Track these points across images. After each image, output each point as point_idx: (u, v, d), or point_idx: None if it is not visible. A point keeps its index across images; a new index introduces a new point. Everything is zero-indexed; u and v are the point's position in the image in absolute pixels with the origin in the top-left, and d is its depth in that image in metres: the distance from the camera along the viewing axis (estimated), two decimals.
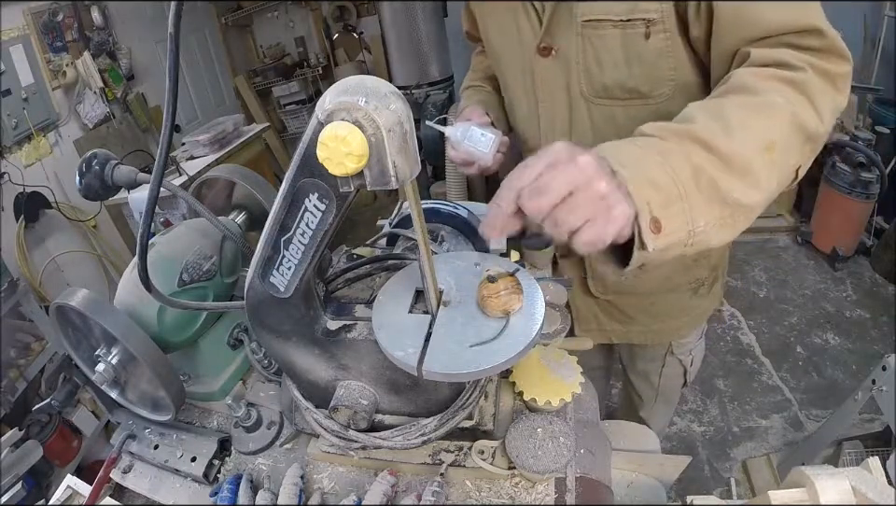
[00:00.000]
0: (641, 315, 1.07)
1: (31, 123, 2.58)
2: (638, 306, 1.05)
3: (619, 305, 1.06)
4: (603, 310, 1.08)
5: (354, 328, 0.60)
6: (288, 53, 4.68)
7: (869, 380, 1.31)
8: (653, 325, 1.08)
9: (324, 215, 0.48)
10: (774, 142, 0.58)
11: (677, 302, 1.05)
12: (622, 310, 1.06)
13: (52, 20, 2.77)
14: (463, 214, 0.83)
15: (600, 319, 1.10)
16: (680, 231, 0.55)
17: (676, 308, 1.06)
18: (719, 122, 0.58)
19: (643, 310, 1.06)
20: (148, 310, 0.74)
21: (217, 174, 0.92)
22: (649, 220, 0.53)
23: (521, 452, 0.62)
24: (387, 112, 0.41)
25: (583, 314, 1.10)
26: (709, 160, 0.56)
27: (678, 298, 1.04)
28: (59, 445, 2.06)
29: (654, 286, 1.01)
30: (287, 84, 4.49)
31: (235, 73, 4.41)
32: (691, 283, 1.03)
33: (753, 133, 0.58)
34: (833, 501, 0.46)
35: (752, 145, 0.57)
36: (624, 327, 1.09)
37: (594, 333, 1.11)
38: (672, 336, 1.13)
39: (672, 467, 0.82)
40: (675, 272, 0.99)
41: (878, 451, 1.43)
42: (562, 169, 0.51)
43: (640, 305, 1.05)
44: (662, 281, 1.00)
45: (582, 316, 1.10)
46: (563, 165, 0.51)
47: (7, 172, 2.41)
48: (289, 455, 0.76)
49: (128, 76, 3.26)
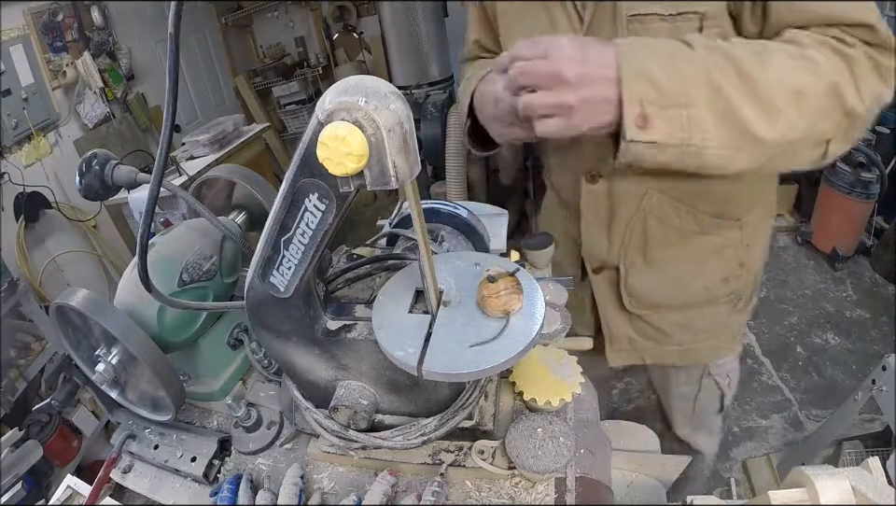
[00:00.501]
0: (678, 331, 1.00)
1: (31, 123, 2.58)
2: (675, 322, 0.99)
3: (654, 322, 1.00)
4: (636, 329, 1.02)
5: (354, 328, 0.60)
6: (288, 53, 4.68)
7: (869, 380, 1.31)
8: (691, 343, 1.01)
9: (324, 215, 0.48)
10: (805, 91, 0.60)
11: (716, 318, 0.99)
12: (657, 327, 1.00)
13: (52, 20, 2.77)
14: (463, 214, 0.83)
15: (633, 338, 1.03)
16: (671, 136, 0.59)
17: (715, 324, 1.00)
18: (756, 54, 0.60)
19: (680, 326, 0.99)
20: (148, 310, 0.74)
21: (217, 174, 0.92)
22: (636, 114, 0.58)
23: (521, 452, 0.62)
24: (387, 112, 0.41)
25: (616, 333, 1.03)
26: (733, 80, 0.58)
27: (716, 312, 0.99)
28: (59, 445, 2.06)
29: (692, 297, 0.96)
30: (286, 84, 4.49)
31: (235, 73, 4.41)
32: (729, 294, 0.97)
33: (787, 73, 0.59)
34: (833, 501, 0.46)
35: (783, 83, 0.59)
36: (659, 346, 1.02)
37: (626, 354, 1.05)
38: (710, 356, 1.06)
39: (672, 467, 0.82)
40: (714, 282, 0.94)
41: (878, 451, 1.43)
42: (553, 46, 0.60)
43: (677, 321, 0.99)
44: (700, 292, 0.95)
45: (615, 336, 1.04)
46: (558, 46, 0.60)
47: (6, 172, 2.41)
48: (289, 455, 0.76)
49: (128, 76, 3.26)
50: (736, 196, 0.88)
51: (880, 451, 1.42)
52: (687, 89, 0.58)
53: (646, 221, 0.89)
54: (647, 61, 0.60)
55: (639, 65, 0.59)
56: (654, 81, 0.58)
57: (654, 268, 0.92)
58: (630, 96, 0.58)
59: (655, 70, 0.58)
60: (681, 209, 0.87)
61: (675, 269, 0.92)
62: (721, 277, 0.94)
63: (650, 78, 0.58)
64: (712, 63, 0.59)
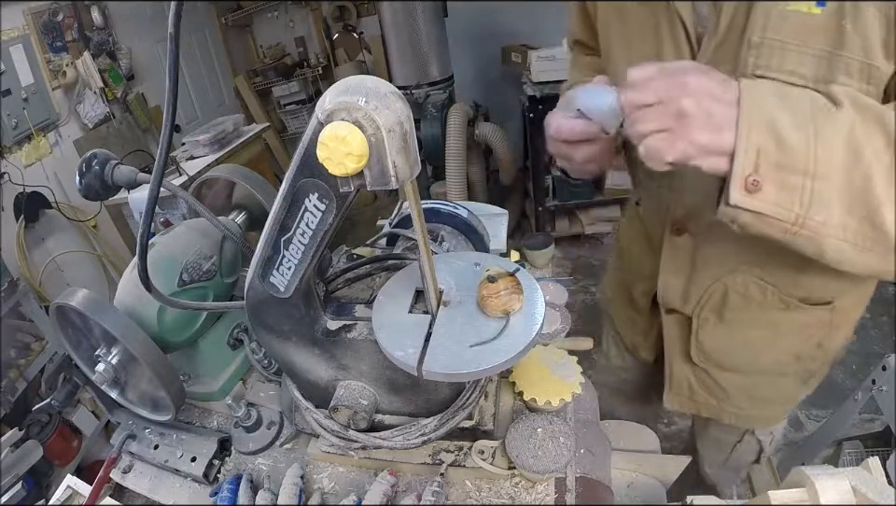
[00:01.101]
0: (739, 395, 0.94)
1: (31, 123, 2.58)
2: (738, 385, 0.92)
3: (717, 379, 0.93)
4: (699, 380, 0.95)
5: (354, 328, 0.60)
6: (288, 53, 4.67)
7: (869, 380, 1.31)
8: (750, 410, 0.95)
9: (324, 215, 0.48)
10: None
11: (782, 390, 0.92)
12: (719, 384, 0.93)
13: (52, 20, 2.77)
14: (463, 214, 0.83)
15: (693, 389, 0.97)
16: (784, 210, 0.47)
17: (779, 396, 0.94)
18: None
19: (743, 390, 0.93)
20: (148, 310, 0.74)
21: (217, 174, 0.92)
22: (747, 173, 0.46)
23: (521, 452, 0.62)
24: (387, 112, 0.41)
25: (677, 378, 0.98)
26: (883, 157, 0.45)
27: (784, 385, 0.91)
28: (59, 445, 2.06)
29: (760, 367, 0.89)
30: (286, 84, 4.49)
31: (235, 73, 4.41)
32: (802, 373, 0.90)
33: None
34: (833, 501, 0.46)
35: None
36: (718, 403, 0.96)
37: (684, 401, 0.99)
38: (765, 423, 1.01)
39: (672, 467, 0.82)
40: (787, 357, 0.87)
41: (878, 451, 1.43)
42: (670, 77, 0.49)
43: (740, 384, 0.92)
44: (770, 363, 0.88)
45: (675, 381, 0.98)
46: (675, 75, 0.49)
47: (7, 172, 2.41)
48: (289, 455, 0.76)
49: (128, 76, 3.26)
50: (834, 280, 0.76)
51: (880, 451, 1.42)
52: (819, 153, 0.46)
53: (727, 294, 0.81)
54: (775, 104, 0.48)
55: (764, 106, 0.47)
56: (778, 132, 0.46)
57: (728, 328, 0.85)
58: (746, 144, 0.46)
59: (782, 119, 0.46)
60: (768, 290, 0.78)
61: (749, 335, 0.85)
62: (795, 354, 0.86)
63: (773, 127, 0.46)
64: (861, 129, 0.46)
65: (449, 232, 0.82)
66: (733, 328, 0.85)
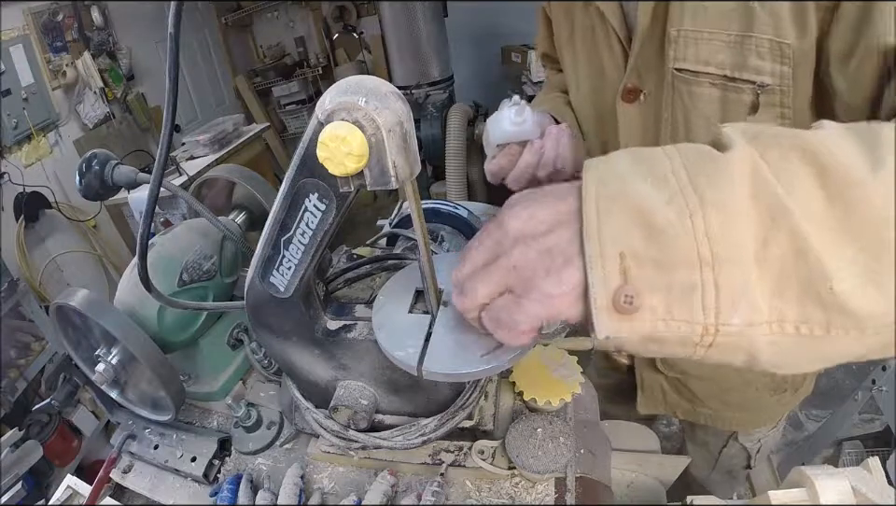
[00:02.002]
0: (711, 400, 0.94)
1: (31, 123, 2.58)
2: (709, 391, 0.92)
3: (688, 385, 0.93)
4: (671, 385, 0.96)
5: (354, 328, 0.60)
6: (288, 53, 4.68)
7: (869, 380, 1.31)
8: (724, 412, 0.95)
9: (324, 215, 0.48)
10: None
11: (754, 399, 0.91)
12: (691, 390, 0.94)
13: (52, 20, 2.77)
14: (463, 214, 0.83)
15: (667, 392, 0.97)
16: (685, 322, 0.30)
17: (751, 403, 0.93)
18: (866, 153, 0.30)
19: (714, 396, 0.93)
20: (148, 310, 0.74)
21: (217, 174, 0.92)
22: (613, 288, 0.31)
23: (521, 452, 0.62)
24: (387, 112, 0.40)
25: (649, 384, 0.98)
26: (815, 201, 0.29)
27: (756, 395, 0.90)
28: (59, 445, 2.06)
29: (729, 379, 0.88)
30: (286, 84, 4.50)
31: (235, 73, 4.41)
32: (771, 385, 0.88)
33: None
34: (833, 501, 0.46)
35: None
36: (692, 406, 0.97)
37: (658, 404, 0.99)
38: (742, 427, 1.00)
39: (672, 467, 0.82)
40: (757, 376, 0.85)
41: (878, 451, 1.43)
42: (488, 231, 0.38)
43: (711, 391, 0.92)
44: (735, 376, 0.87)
45: (647, 386, 0.98)
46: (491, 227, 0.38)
47: (7, 172, 2.41)
48: (289, 455, 0.76)
49: (128, 76, 3.26)
50: None
51: (880, 451, 1.42)
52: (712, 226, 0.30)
53: None
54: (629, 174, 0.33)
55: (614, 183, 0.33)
56: (642, 214, 0.31)
57: None
58: (599, 247, 0.31)
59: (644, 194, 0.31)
60: None
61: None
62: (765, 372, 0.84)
63: (633, 208, 0.31)
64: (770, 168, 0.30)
65: (449, 232, 0.82)
66: None
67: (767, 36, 0.53)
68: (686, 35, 0.59)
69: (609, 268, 0.31)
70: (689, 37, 0.58)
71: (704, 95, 0.60)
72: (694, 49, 0.58)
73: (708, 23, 0.57)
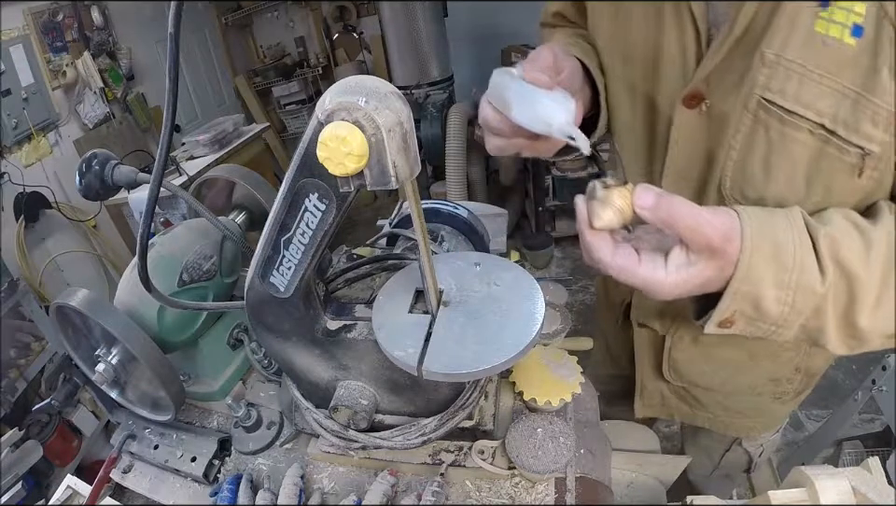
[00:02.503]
0: (713, 405, 0.94)
1: (31, 123, 2.58)
2: (712, 397, 0.92)
3: (691, 391, 0.93)
4: (673, 391, 0.95)
5: (354, 328, 0.60)
6: (288, 53, 4.68)
7: (869, 380, 1.31)
8: (724, 417, 0.95)
9: (324, 215, 0.48)
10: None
11: (755, 405, 0.92)
12: (693, 396, 0.93)
13: (52, 20, 2.77)
14: (463, 214, 0.83)
15: (666, 397, 0.96)
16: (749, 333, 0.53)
17: (753, 409, 0.93)
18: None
19: (716, 402, 0.93)
20: (148, 310, 0.74)
21: (217, 174, 0.92)
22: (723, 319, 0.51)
23: (521, 452, 0.62)
24: (387, 112, 0.40)
25: (649, 390, 0.97)
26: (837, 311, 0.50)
27: (757, 401, 0.91)
28: (59, 445, 2.06)
29: (733, 388, 0.88)
30: (286, 84, 4.50)
31: (235, 73, 4.41)
32: (778, 393, 0.89)
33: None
34: (833, 501, 0.46)
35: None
36: (692, 410, 0.96)
37: (656, 408, 0.98)
38: (743, 432, 1.00)
39: (672, 467, 0.82)
40: (762, 381, 0.86)
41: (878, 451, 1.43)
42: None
43: (715, 398, 0.92)
44: (743, 385, 0.87)
45: (647, 392, 0.97)
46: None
47: (7, 172, 2.41)
48: (289, 455, 0.76)
49: (128, 76, 3.26)
50: None
51: (880, 451, 1.42)
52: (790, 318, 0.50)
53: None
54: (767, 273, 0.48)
55: (756, 279, 0.48)
56: (759, 303, 0.49)
57: (703, 349, 0.83)
58: (729, 304, 0.50)
59: (768, 293, 0.49)
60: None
61: (724, 357, 0.83)
62: (771, 378, 0.85)
63: (757, 299, 0.49)
64: (831, 297, 0.49)
65: (449, 232, 0.82)
66: (708, 348, 0.82)
67: (888, 107, 0.48)
68: (789, 67, 0.50)
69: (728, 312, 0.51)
70: (792, 70, 0.50)
71: (798, 141, 0.53)
72: (796, 87, 0.51)
73: (822, 63, 0.49)
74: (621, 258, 0.50)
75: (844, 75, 0.48)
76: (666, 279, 0.49)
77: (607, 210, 0.49)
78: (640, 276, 0.50)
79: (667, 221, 0.47)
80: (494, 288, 0.56)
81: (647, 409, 0.99)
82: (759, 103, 0.53)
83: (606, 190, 0.49)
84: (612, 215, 0.49)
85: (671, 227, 0.48)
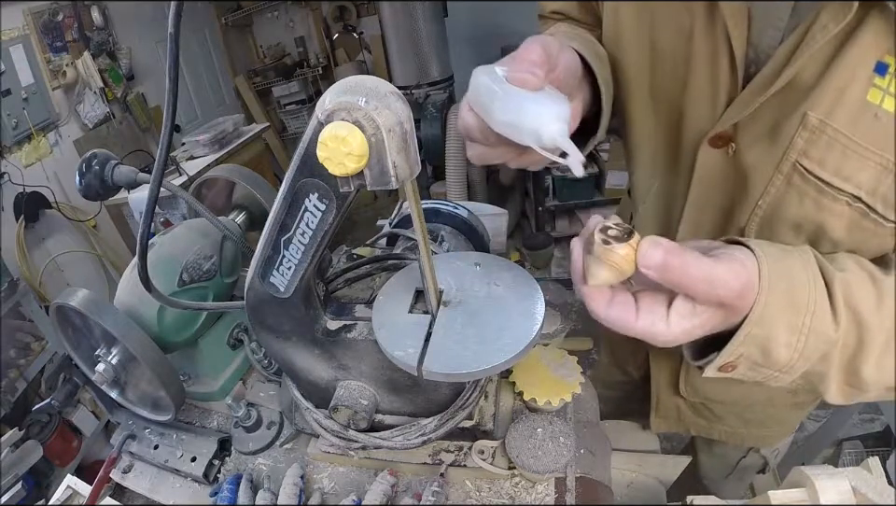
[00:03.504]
0: (731, 417, 0.92)
1: (31, 123, 2.58)
2: (729, 410, 0.91)
3: (707, 405, 0.91)
4: (689, 406, 0.93)
5: (354, 328, 0.60)
6: (288, 53, 4.68)
7: None
8: (741, 428, 0.93)
9: (324, 215, 0.48)
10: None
11: (774, 414, 0.91)
12: (710, 410, 0.92)
13: (52, 20, 2.77)
14: (463, 214, 0.83)
15: (682, 411, 0.94)
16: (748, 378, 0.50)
17: (771, 419, 0.92)
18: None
19: (735, 415, 0.91)
20: (148, 310, 0.74)
21: (217, 174, 0.92)
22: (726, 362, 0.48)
23: (521, 452, 0.62)
24: (387, 112, 0.40)
25: (664, 404, 0.94)
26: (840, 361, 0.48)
27: (776, 411, 0.90)
28: (59, 445, 2.06)
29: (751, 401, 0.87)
30: (287, 84, 4.50)
31: (235, 73, 4.41)
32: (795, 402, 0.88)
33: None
34: (833, 501, 0.46)
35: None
36: (709, 424, 0.94)
37: (671, 423, 0.95)
38: (760, 442, 0.99)
39: (672, 467, 0.82)
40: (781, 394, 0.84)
41: (878, 451, 1.43)
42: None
43: (731, 410, 0.91)
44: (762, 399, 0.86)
45: (662, 406, 0.94)
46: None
47: (7, 172, 2.41)
48: (289, 455, 0.76)
49: (128, 76, 3.26)
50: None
51: (880, 451, 1.42)
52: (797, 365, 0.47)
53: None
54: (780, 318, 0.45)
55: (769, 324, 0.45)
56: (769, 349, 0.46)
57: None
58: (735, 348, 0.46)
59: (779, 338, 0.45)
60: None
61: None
62: (789, 389, 0.82)
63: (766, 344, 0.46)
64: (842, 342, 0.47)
65: (449, 232, 0.82)
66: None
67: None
68: (834, 136, 0.46)
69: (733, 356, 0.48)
70: (837, 140, 0.46)
71: (834, 212, 0.50)
72: (838, 158, 0.47)
73: (870, 136, 0.45)
74: (615, 310, 0.46)
75: (889, 148, 0.45)
76: (668, 331, 0.45)
77: (603, 270, 0.44)
78: (638, 330, 0.45)
79: (678, 284, 0.43)
80: (494, 288, 0.56)
81: (663, 424, 0.97)
82: (794, 167, 0.50)
83: (605, 248, 0.43)
84: (609, 275, 0.44)
85: (681, 289, 0.43)
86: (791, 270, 0.46)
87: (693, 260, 0.42)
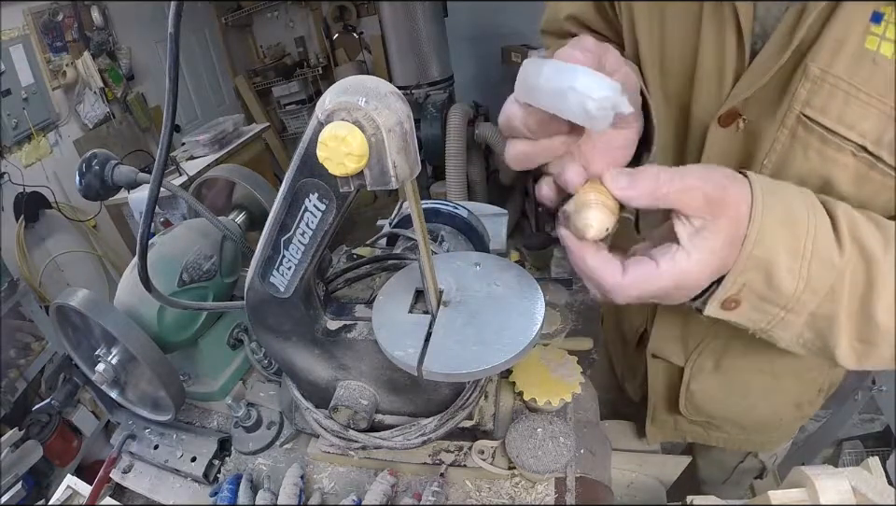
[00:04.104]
0: (729, 425, 0.90)
1: (31, 123, 2.58)
2: (729, 419, 0.89)
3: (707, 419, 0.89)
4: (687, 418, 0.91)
5: (354, 328, 0.60)
6: (288, 53, 4.68)
7: (869, 380, 1.31)
8: (739, 435, 0.91)
9: (324, 215, 0.48)
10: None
11: (772, 418, 0.88)
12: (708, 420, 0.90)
13: (52, 20, 2.77)
14: (463, 214, 0.83)
15: (678, 421, 0.91)
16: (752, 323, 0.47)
17: (770, 424, 0.90)
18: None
19: (733, 422, 0.89)
20: (148, 310, 0.74)
21: (217, 174, 0.92)
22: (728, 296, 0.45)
23: (521, 452, 0.62)
24: (387, 112, 0.40)
25: (661, 416, 0.92)
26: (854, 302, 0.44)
27: (774, 415, 0.88)
28: (59, 445, 2.06)
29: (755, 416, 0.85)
30: (287, 84, 4.50)
31: (235, 73, 4.42)
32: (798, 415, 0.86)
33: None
34: (833, 501, 0.46)
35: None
36: (706, 432, 0.92)
37: (668, 432, 0.94)
38: (759, 447, 0.96)
39: (672, 467, 0.82)
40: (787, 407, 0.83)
41: (878, 451, 1.43)
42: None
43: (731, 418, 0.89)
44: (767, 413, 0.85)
45: (658, 417, 0.92)
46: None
47: (7, 172, 2.41)
48: (289, 455, 0.76)
49: (128, 76, 3.26)
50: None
51: (880, 451, 1.42)
52: (803, 298, 0.44)
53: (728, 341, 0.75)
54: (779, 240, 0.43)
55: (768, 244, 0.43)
56: (771, 273, 0.43)
57: (725, 377, 0.79)
58: (736, 278, 0.44)
59: (780, 261, 0.43)
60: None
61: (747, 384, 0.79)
62: (795, 403, 0.82)
63: (769, 268, 0.43)
64: (849, 274, 0.44)
65: (449, 232, 0.82)
66: (730, 376, 0.78)
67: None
68: (835, 84, 0.47)
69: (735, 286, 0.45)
70: (838, 87, 0.47)
71: (839, 163, 0.50)
72: (840, 106, 0.47)
73: (871, 82, 0.45)
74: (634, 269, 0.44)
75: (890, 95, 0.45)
76: (689, 260, 0.42)
77: (590, 211, 0.43)
78: (666, 276, 0.43)
79: (653, 193, 0.41)
80: (494, 288, 0.56)
81: (658, 433, 0.96)
82: (798, 119, 0.50)
83: (576, 196, 0.43)
84: (599, 213, 0.42)
85: (660, 198, 0.42)
86: (787, 196, 0.45)
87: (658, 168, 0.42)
